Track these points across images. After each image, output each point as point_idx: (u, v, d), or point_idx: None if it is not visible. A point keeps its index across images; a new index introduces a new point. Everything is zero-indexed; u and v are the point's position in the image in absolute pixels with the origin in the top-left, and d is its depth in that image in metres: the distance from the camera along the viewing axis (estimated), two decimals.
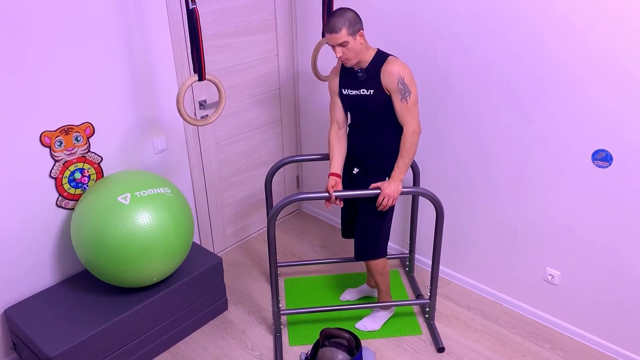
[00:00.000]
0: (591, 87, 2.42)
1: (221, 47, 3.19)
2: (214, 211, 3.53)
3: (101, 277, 2.60)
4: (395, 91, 2.45)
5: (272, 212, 2.54)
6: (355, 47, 2.42)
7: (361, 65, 2.50)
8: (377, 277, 2.85)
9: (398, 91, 2.44)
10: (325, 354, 2.51)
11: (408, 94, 2.45)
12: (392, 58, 2.49)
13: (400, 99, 2.46)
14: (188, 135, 3.19)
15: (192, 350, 2.87)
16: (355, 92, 2.56)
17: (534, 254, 2.91)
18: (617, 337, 2.74)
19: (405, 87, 2.43)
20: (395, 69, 2.44)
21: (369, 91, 2.52)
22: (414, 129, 2.50)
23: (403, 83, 2.43)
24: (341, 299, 3.21)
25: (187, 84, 2.48)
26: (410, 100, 2.46)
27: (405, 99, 2.45)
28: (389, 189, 2.53)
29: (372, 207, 2.64)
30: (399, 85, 2.43)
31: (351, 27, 2.38)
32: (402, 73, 2.43)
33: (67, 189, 2.69)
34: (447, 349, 2.84)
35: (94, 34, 2.58)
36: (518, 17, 2.53)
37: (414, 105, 2.47)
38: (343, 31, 2.37)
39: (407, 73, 2.45)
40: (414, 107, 2.48)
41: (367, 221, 2.71)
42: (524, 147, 2.74)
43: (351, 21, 2.38)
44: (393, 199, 2.55)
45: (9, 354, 2.74)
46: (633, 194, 2.46)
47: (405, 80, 2.44)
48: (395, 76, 2.43)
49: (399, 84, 2.43)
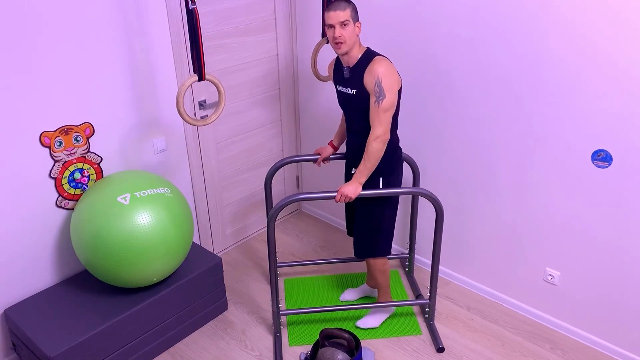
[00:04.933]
0: (591, 87, 2.42)
1: (221, 47, 3.19)
2: (214, 211, 3.53)
3: (101, 277, 2.60)
4: (371, 92, 2.42)
5: (271, 212, 2.54)
6: (352, 32, 2.43)
7: (350, 61, 2.50)
8: (376, 274, 2.86)
9: (374, 92, 2.41)
10: (324, 354, 2.51)
11: (382, 98, 2.39)
12: (379, 58, 2.45)
13: (374, 101, 2.41)
14: (188, 136, 3.19)
15: (191, 350, 2.87)
16: (344, 89, 2.58)
17: (534, 254, 2.91)
18: (617, 337, 2.74)
19: (381, 90, 2.38)
20: (376, 69, 2.40)
21: (352, 91, 2.52)
22: (378, 134, 2.42)
23: (379, 85, 2.38)
24: (341, 299, 3.21)
25: (187, 84, 2.48)
26: (383, 104, 2.39)
27: (378, 102, 2.40)
28: (345, 189, 2.50)
29: (367, 206, 2.66)
30: (375, 87, 2.39)
31: (354, 12, 2.43)
32: (381, 75, 2.39)
33: (66, 189, 2.69)
34: (447, 349, 2.84)
35: (94, 34, 2.58)
36: (518, 16, 2.53)
37: (385, 110, 2.40)
38: (347, 10, 2.40)
39: (387, 76, 2.40)
40: (385, 113, 2.40)
41: (363, 220, 2.73)
42: (524, 147, 2.74)
43: (354, 8, 2.43)
44: (348, 197, 2.51)
45: (9, 354, 2.74)
46: (633, 194, 2.46)
47: (383, 83, 2.38)
48: (375, 76, 2.39)
49: (376, 85, 2.39)
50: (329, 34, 2.44)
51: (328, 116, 3.61)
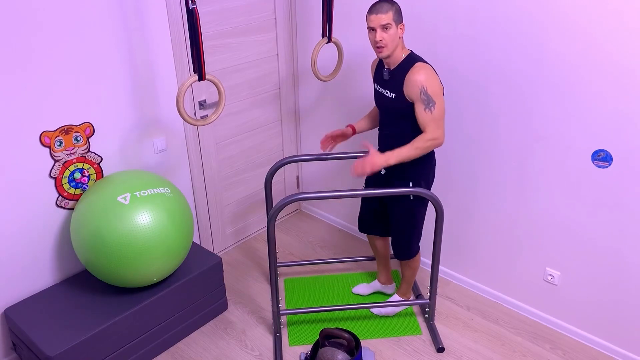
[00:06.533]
0: (591, 87, 2.42)
1: (221, 47, 3.19)
2: (214, 211, 3.53)
3: (101, 277, 2.60)
4: (417, 100, 2.39)
5: (272, 212, 2.54)
6: (394, 36, 2.38)
7: (391, 63, 2.47)
8: (405, 269, 2.95)
9: (421, 101, 2.38)
10: (324, 354, 2.51)
11: (432, 104, 2.37)
12: (419, 65, 2.40)
13: (424, 109, 2.38)
14: (188, 135, 3.19)
15: (191, 350, 2.87)
16: (382, 90, 2.55)
17: (534, 254, 2.91)
18: (617, 337, 2.74)
19: (429, 97, 2.36)
20: (418, 78, 2.36)
21: (391, 94, 2.50)
22: (435, 136, 2.40)
23: (426, 94, 2.36)
24: (353, 291, 3.23)
25: (187, 84, 2.48)
26: (436, 110, 2.37)
27: (429, 109, 2.38)
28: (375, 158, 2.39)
29: (401, 211, 2.69)
30: (421, 96, 2.37)
31: (397, 14, 2.37)
32: (425, 83, 2.35)
33: (67, 189, 2.69)
34: (447, 349, 2.84)
35: (94, 34, 2.58)
36: (519, 16, 2.53)
37: (440, 117, 2.38)
38: (390, 13, 2.34)
39: (431, 83, 2.36)
40: (441, 119, 2.39)
41: (399, 224, 2.75)
42: (524, 147, 2.74)
43: (398, 9, 2.38)
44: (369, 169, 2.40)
45: (9, 354, 2.74)
46: (633, 194, 2.46)
47: (429, 90, 2.35)
48: (418, 86, 2.36)
49: (422, 94, 2.36)
50: (370, 36, 2.41)
51: (328, 116, 3.61)
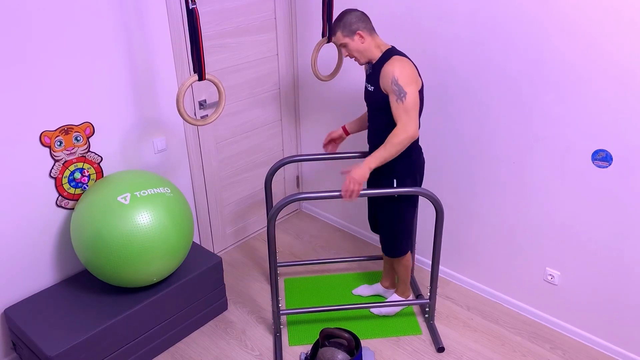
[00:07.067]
0: (591, 87, 2.42)
1: (221, 47, 3.19)
2: (214, 211, 3.53)
3: (101, 277, 2.60)
4: (390, 91, 2.41)
5: (272, 212, 2.54)
6: (357, 47, 2.46)
7: (372, 60, 2.52)
8: (397, 267, 2.95)
9: (393, 92, 2.39)
10: (325, 354, 2.51)
11: (404, 95, 2.36)
12: (394, 57, 2.43)
13: (396, 99, 2.39)
14: (188, 135, 3.19)
15: (191, 350, 2.87)
16: (366, 84, 2.60)
17: (534, 254, 2.91)
18: (617, 337, 2.74)
19: (400, 87, 2.36)
20: (390, 69, 2.38)
21: (371, 87, 2.54)
22: (405, 129, 2.37)
23: (397, 84, 2.36)
24: (354, 292, 3.23)
25: (187, 84, 2.48)
26: (407, 101, 2.35)
27: (400, 100, 2.37)
28: (355, 172, 2.40)
29: (386, 206, 2.70)
30: (392, 86, 2.38)
31: (346, 29, 2.44)
32: (396, 74, 2.36)
33: (67, 189, 2.69)
34: (447, 349, 2.84)
35: (94, 34, 2.58)
36: (519, 16, 2.53)
37: (411, 107, 2.35)
38: (338, 34, 2.47)
39: (403, 73, 2.37)
40: (412, 110, 2.36)
41: (385, 221, 2.77)
42: (524, 147, 2.74)
43: (346, 23, 2.44)
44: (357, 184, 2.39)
45: (9, 354, 2.74)
46: (633, 194, 2.46)
47: (400, 80, 2.35)
48: (390, 77, 2.38)
49: (393, 84, 2.37)
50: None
51: (328, 116, 3.61)
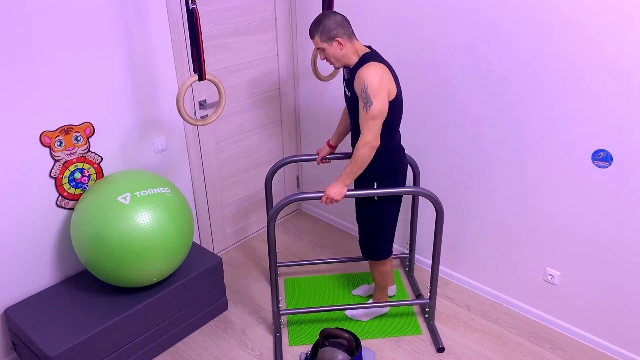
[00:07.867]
0: (591, 87, 2.42)
1: (221, 47, 3.19)
2: (214, 211, 3.53)
3: (101, 277, 2.60)
4: (359, 97, 2.38)
5: (272, 212, 2.54)
6: (333, 53, 2.41)
7: (349, 65, 2.48)
8: (374, 272, 2.91)
9: (361, 99, 2.37)
10: (325, 353, 2.51)
11: (369, 104, 2.33)
12: (369, 64, 2.38)
13: (362, 107, 2.37)
14: (188, 135, 3.19)
15: (191, 350, 2.87)
16: (345, 89, 2.58)
17: (534, 254, 2.91)
18: (617, 337, 2.74)
19: (367, 96, 2.33)
20: (362, 76, 2.35)
21: (349, 92, 2.52)
22: (367, 140, 2.37)
23: (365, 92, 2.33)
24: (353, 293, 3.23)
25: (187, 84, 2.48)
26: (370, 110, 2.33)
27: (366, 108, 2.35)
28: (330, 190, 2.48)
29: (365, 209, 2.69)
30: (362, 93, 2.35)
31: (324, 34, 2.37)
32: (367, 81, 2.33)
33: (67, 189, 2.69)
34: (447, 349, 2.84)
35: (94, 34, 2.58)
36: (519, 16, 2.53)
37: (373, 117, 2.34)
38: (316, 38, 2.41)
39: (373, 83, 2.32)
40: (374, 120, 2.35)
41: (363, 223, 2.76)
42: (524, 147, 2.74)
43: (325, 28, 2.36)
44: (333, 200, 2.49)
45: (9, 353, 2.74)
46: (633, 194, 2.46)
47: (368, 89, 2.32)
48: (361, 82, 2.35)
49: (362, 91, 2.34)
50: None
51: (328, 116, 3.61)
